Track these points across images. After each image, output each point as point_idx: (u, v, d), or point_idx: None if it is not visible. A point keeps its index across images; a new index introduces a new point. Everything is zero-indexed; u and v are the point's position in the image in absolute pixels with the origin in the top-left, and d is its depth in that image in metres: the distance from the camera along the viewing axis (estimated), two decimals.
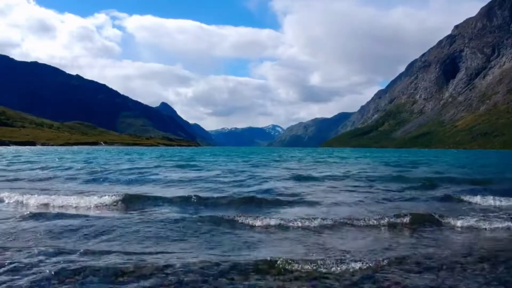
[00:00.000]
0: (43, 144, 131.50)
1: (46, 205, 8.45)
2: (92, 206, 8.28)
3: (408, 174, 17.35)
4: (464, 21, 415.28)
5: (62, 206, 8.31)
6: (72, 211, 7.83)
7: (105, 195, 8.95)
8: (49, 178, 14.27)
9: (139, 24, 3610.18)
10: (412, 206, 8.72)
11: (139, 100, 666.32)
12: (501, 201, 8.95)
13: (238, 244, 5.39)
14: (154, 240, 5.53)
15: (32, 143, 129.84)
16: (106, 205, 8.44)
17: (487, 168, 26.87)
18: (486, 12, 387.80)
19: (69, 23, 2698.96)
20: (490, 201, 8.98)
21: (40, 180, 13.80)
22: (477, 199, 9.14)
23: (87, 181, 13.55)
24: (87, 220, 6.73)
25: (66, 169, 19.10)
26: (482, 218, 6.95)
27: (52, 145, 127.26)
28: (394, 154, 71.97)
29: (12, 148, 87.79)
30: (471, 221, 6.65)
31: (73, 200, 8.66)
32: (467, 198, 9.35)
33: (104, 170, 17.92)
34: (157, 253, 4.89)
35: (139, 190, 11.29)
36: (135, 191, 10.74)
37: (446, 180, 14.46)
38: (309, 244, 5.47)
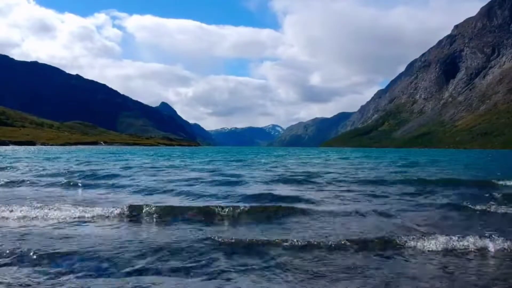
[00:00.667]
0: (43, 144, 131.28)
1: None
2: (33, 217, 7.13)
3: (413, 176, 16.88)
4: (464, 21, 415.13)
5: None
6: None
7: (65, 205, 7.97)
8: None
9: (139, 24, 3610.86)
10: (430, 217, 7.95)
11: (139, 100, 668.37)
12: None
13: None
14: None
15: (32, 143, 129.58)
16: (61, 218, 7.10)
17: (489, 168, 26.65)
18: (486, 12, 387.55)
19: (69, 23, 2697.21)
20: (505, 209, 8.52)
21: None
22: (493, 208, 8.57)
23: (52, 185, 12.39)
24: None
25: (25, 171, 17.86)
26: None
27: (52, 145, 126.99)
28: (395, 154, 71.66)
29: (10, 148, 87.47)
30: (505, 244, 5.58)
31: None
32: (480, 207, 8.76)
33: (82, 173, 16.73)
34: None
35: (92, 193, 10.53)
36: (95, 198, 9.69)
37: (451, 183, 14.07)
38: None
